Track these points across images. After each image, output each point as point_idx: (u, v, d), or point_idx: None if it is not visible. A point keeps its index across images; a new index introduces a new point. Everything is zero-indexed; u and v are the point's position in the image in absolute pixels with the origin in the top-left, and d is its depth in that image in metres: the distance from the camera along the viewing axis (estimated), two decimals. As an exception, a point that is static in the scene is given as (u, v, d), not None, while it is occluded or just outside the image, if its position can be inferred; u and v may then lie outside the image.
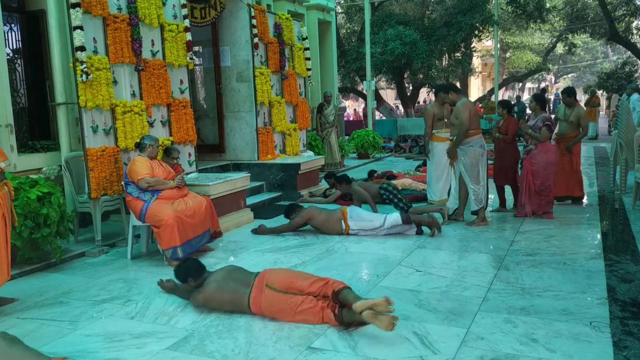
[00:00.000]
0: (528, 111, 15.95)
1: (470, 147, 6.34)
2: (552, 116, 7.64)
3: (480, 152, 6.36)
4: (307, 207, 6.36)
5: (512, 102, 8.01)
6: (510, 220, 6.60)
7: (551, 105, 37.90)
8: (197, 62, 9.57)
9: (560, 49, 31.78)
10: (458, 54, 22.24)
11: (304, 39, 10.29)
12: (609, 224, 6.67)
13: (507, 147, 6.89)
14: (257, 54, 8.85)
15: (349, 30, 23.87)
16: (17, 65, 6.75)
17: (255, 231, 6.42)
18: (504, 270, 4.77)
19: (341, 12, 23.89)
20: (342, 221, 6.08)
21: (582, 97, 26.75)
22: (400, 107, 25.05)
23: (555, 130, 7.35)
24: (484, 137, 6.64)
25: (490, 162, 8.02)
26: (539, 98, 6.81)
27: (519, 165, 6.91)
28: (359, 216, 6.09)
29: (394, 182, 8.81)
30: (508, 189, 7.16)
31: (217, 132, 9.39)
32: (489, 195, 8.21)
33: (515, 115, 11.67)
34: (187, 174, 6.74)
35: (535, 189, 6.55)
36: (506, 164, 6.95)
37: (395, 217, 5.98)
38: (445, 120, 7.23)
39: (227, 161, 9.03)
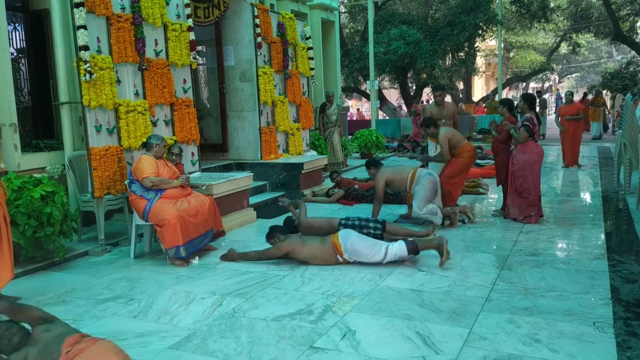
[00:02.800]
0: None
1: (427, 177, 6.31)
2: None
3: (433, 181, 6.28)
4: (294, 237, 5.25)
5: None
6: (513, 221, 6.57)
7: (553, 105, 37.87)
8: (200, 62, 9.59)
9: (564, 48, 31.67)
10: (462, 54, 22.23)
11: (307, 39, 10.28)
12: (613, 224, 6.64)
13: (501, 147, 6.83)
14: (261, 54, 8.85)
15: (352, 30, 23.88)
16: (21, 64, 6.77)
17: (224, 257, 5.37)
18: (507, 270, 4.76)
19: (344, 12, 23.89)
20: (337, 255, 5.03)
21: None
22: (404, 107, 25.03)
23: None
24: (488, 137, 6.60)
25: (490, 162, 8.00)
26: (528, 97, 6.73)
27: None
28: (354, 249, 4.98)
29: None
30: None
31: (220, 131, 9.40)
32: (492, 196, 8.22)
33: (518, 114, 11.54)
34: (190, 173, 6.75)
35: (515, 189, 6.47)
36: (498, 164, 6.92)
37: (398, 247, 4.95)
38: (443, 120, 7.25)
39: (230, 160, 9.03)
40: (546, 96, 38.60)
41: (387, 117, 22.10)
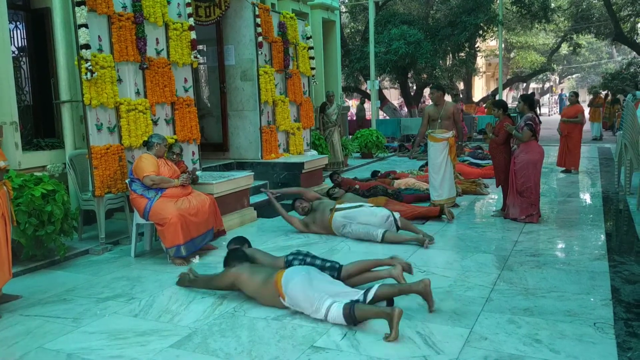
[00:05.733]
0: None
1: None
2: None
3: None
4: (244, 265, 4.22)
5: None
6: (513, 221, 6.57)
7: (554, 105, 37.78)
8: (201, 61, 9.59)
9: (564, 49, 31.66)
10: (462, 54, 22.22)
11: (308, 38, 10.28)
12: (613, 224, 6.64)
13: (499, 148, 6.84)
14: (261, 53, 8.85)
15: (353, 30, 23.86)
16: (22, 63, 6.78)
17: (179, 283, 4.63)
18: (508, 270, 4.76)
19: (345, 12, 23.88)
20: (280, 297, 3.92)
21: (586, 98, 26.67)
22: (404, 107, 25.02)
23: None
24: (487, 137, 6.61)
25: (490, 162, 7.98)
26: (527, 98, 6.73)
27: None
28: (293, 295, 3.84)
29: (397, 181, 8.81)
30: None
31: (220, 130, 9.40)
32: (492, 196, 8.23)
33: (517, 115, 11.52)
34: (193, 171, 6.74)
35: (517, 189, 6.47)
36: (497, 165, 6.92)
37: (337, 312, 3.65)
38: (439, 120, 7.24)
39: (231, 160, 9.03)
40: (546, 97, 38.53)
41: (387, 117, 22.10)
